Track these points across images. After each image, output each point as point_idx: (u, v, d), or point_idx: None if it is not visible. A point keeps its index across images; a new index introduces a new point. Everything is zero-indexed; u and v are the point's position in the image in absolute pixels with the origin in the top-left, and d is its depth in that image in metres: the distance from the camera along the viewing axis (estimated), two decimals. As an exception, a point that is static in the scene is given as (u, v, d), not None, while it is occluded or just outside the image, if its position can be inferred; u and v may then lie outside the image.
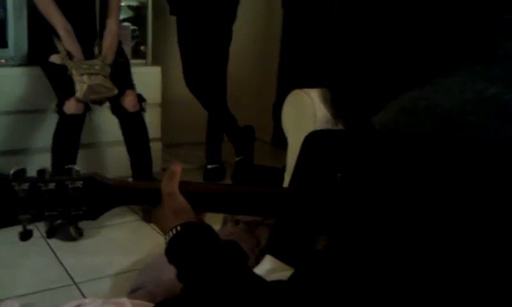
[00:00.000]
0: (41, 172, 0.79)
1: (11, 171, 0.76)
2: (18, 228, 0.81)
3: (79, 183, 0.80)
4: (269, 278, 0.71)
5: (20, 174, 0.77)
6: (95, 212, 0.82)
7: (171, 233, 0.81)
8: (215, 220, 0.84)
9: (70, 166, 0.79)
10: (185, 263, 0.78)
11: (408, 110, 0.54)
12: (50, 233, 0.80)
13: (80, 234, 0.81)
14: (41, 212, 0.79)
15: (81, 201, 0.81)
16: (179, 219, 0.82)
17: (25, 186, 0.77)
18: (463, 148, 0.50)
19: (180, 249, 0.80)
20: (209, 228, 0.82)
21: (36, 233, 2.42)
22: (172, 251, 0.81)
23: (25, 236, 0.79)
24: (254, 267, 1.87)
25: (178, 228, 0.80)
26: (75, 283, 2.00)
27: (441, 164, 0.50)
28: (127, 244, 2.35)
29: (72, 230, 0.64)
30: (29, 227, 0.78)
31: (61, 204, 0.79)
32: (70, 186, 0.79)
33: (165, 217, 0.83)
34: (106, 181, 0.84)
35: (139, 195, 0.88)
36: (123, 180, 0.87)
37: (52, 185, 0.78)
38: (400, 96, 0.57)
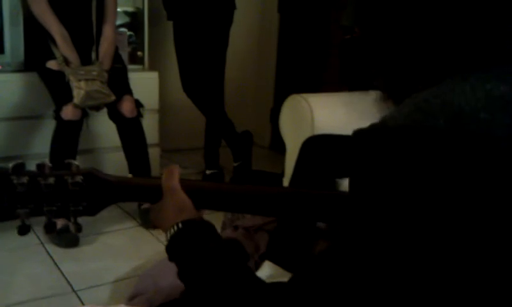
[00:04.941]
0: (40, 166, 0.77)
1: (11, 165, 0.75)
2: (16, 235, 0.79)
3: (79, 178, 0.79)
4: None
5: (20, 168, 0.76)
6: (95, 207, 0.81)
7: (172, 230, 0.80)
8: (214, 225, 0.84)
9: (70, 161, 0.78)
10: (186, 261, 0.77)
11: (421, 108, 0.56)
12: (49, 228, 0.79)
13: (79, 230, 0.79)
14: (40, 207, 0.77)
15: (81, 196, 0.79)
16: (180, 215, 0.81)
17: (24, 180, 0.75)
18: (475, 143, 0.53)
19: (181, 246, 0.79)
20: (211, 226, 0.81)
21: (34, 240, 2.40)
22: (173, 249, 0.80)
23: (23, 230, 0.77)
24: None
25: (180, 225, 0.79)
26: (74, 290, 1.98)
27: (453, 158, 0.53)
28: (125, 251, 2.34)
29: (71, 226, 0.63)
30: (27, 222, 0.77)
31: (60, 199, 0.78)
32: (69, 181, 0.78)
33: (166, 213, 0.82)
34: (106, 177, 0.83)
35: (139, 191, 0.87)
36: (123, 176, 0.86)
37: (51, 180, 0.77)
38: (413, 95, 0.59)
